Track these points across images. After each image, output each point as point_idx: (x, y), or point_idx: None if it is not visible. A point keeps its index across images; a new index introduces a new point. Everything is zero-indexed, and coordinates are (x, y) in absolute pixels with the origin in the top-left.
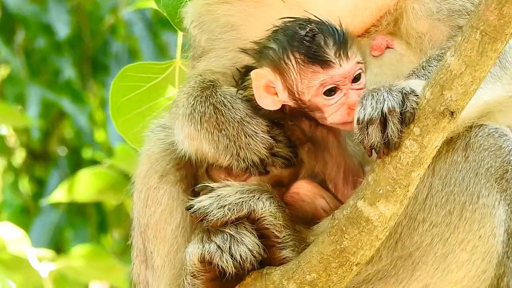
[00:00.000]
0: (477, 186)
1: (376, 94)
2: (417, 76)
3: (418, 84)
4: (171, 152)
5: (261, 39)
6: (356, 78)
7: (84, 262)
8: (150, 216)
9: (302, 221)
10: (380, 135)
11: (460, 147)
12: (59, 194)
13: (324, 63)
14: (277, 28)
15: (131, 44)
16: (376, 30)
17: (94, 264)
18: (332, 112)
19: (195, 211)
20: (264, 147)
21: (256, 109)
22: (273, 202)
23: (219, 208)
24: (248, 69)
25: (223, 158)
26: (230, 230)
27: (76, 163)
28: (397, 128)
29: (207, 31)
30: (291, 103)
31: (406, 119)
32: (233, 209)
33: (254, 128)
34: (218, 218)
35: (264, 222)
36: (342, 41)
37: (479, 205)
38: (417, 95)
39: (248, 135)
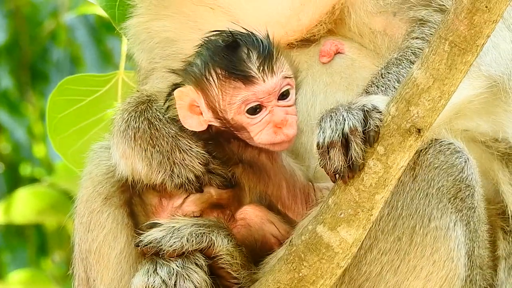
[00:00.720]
0: (427, 208)
1: (334, 114)
2: (377, 86)
3: (380, 100)
4: (115, 174)
5: (189, 56)
6: (284, 95)
7: None
8: (92, 241)
9: (251, 249)
10: (343, 158)
11: (407, 166)
12: None
13: (246, 78)
14: (202, 43)
15: (73, 50)
16: (321, 30)
17: None
18: (258, 132)
19: (146, 245)
20: (199, 163)
21: (182, 129)
22: (231, 240)
23: (175, 239)
24: (174, 88)
25: (155, 175)
26: (177, 264)
27: (14, 181)
28: (361, 149)
29: (147, 50)
30: (216, 122)
31: (370, 138)
32: (192, 240)
33: (189, 143)
34: (175, 249)
35: (220, 261)
36: (267, 54)
37: (431, 228)
38: (380, 112)
39: (182, 150)
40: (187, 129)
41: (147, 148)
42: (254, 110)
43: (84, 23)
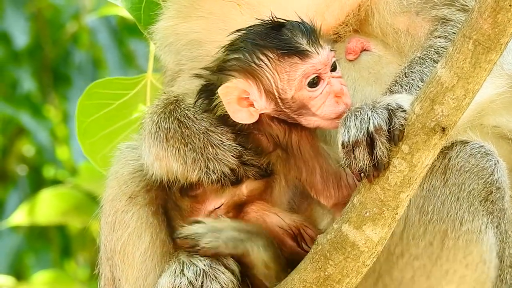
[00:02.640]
0: (459, 212)
1: (359, 113)
2: (400, 85)
3: (405, 99)
4: (141, 173)
5: (217, 58)
6: (333, 67)
7: None
8: (117, 240)
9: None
10: (368, 157)
11: (438, 170)
12: (19, 217)
13: (301, 53)
14: (233, 40)
15: (95, 53)
16: (347, 31)
17: None
18: (320, 104)
19: (186, 237)
20: (232, 156)
21: (212, 125)
22: (268, 250)
23: (213, 238)
24: (209, 89)
25: (191, 173)
26: (204, 264)
27: (37, 182)
28: (386, 148)
29: (174, 52)
30: (271, 107)
31: (394, 137)
32: (229, 244)
33: (220, 137)
34: (211, 247)
35: (254, 270)
36: (310, 30)
37: (463, 231)
38: (405, 111)
39: (214, 145)
40: (217, 124)
41: (179, 147)
42: (313, 84)
43: (106, 25)
